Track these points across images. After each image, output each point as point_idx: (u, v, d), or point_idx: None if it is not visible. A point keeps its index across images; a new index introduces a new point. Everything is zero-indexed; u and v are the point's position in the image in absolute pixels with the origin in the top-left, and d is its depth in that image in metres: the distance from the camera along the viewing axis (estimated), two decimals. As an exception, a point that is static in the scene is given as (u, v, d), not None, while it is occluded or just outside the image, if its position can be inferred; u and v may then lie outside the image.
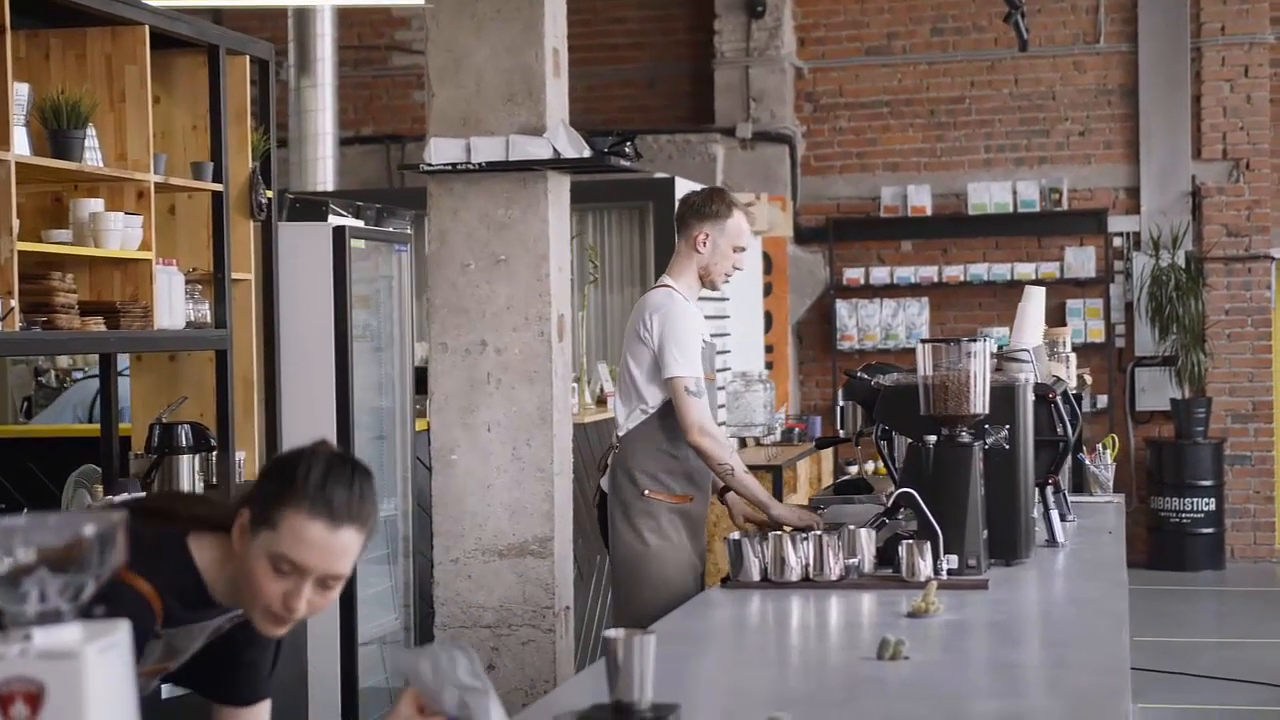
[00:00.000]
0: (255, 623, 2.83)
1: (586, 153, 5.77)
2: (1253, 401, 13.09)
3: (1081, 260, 13.12)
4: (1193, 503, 12.68)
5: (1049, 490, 5.32)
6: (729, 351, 10.88)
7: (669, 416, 5.37)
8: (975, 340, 4.65)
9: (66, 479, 6.20)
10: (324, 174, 11.49)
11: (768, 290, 12.85)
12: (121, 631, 1.90)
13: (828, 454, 11.25)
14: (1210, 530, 12.73)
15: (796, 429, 11.15)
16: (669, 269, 5.60)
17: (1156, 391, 13.05)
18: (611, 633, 2.85)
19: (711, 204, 5.52)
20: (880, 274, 13.39)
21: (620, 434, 5.54)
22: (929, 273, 13.32)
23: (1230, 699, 8.57)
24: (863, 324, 13.41)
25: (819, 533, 4.53)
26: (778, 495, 9.00)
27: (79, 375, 8.95)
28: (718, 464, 5.35)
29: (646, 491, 5.44)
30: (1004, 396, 4.77)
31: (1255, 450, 13.10)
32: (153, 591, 2.78)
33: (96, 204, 5.39)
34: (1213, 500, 12.71)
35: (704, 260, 5.49)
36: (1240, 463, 13.05)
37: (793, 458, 9.84)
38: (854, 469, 10.41)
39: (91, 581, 1.90)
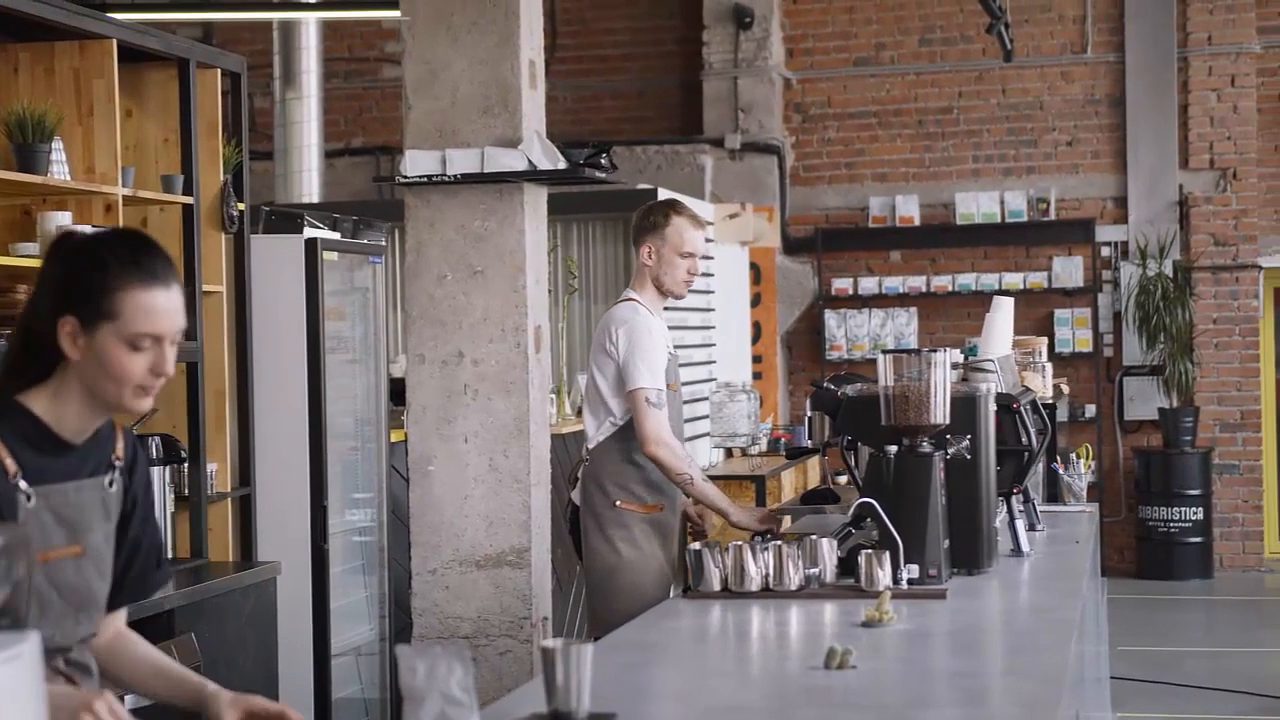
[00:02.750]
0: (126, 406, 2.86)
1: (561, 164, 5.77)
2: (1240, 410, 13.09)
3: (1069, 270, 13.11)
4: (1181, 512, 12.68)
5: (1015, 500, 5.32)
6: (714, 362, 10.89)
7: (637, 428, 5.41)
8: (936, 351, 4.65)
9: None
10: (309, 186, 11.49)
11: (756, 300, 12.87)
12: (29, 643, 1.91)
13: (814, 464, 11.25)
14: (1198, 539, 12.73)
15: (783, 439, 11.14)
16: (631, 283, 5.66)
17: (1144, 401, 13.05)
18: (548, 643, 2.88)
19: (649, 216, 5.59)
20: (869, 284, 13.39)
21: (590, 446, 5.58)
22: (917, 283, 13.31)
23: (1217, 709, 8.56)
24: (851, 334, 13.41)
25: (779, 543, 4.54)
26: (760, 506, 9.01)
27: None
28: (675, 474, 5.39)
29: (618, 503, 5.48)
30: (966, 406, 4.78)
31: (1243, 459, 13.10)
32: None
33: (64, 217, 5.40)
34: (1201, 509, 12.70)
35: (654, 271, 5.54)
36: (1228, 472, 13.05)
37: (776, 468, 9.85)
38: (844, 479, 10.39)
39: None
